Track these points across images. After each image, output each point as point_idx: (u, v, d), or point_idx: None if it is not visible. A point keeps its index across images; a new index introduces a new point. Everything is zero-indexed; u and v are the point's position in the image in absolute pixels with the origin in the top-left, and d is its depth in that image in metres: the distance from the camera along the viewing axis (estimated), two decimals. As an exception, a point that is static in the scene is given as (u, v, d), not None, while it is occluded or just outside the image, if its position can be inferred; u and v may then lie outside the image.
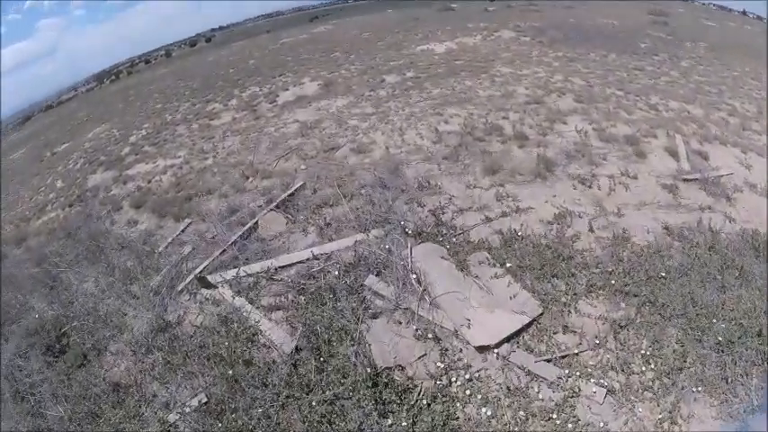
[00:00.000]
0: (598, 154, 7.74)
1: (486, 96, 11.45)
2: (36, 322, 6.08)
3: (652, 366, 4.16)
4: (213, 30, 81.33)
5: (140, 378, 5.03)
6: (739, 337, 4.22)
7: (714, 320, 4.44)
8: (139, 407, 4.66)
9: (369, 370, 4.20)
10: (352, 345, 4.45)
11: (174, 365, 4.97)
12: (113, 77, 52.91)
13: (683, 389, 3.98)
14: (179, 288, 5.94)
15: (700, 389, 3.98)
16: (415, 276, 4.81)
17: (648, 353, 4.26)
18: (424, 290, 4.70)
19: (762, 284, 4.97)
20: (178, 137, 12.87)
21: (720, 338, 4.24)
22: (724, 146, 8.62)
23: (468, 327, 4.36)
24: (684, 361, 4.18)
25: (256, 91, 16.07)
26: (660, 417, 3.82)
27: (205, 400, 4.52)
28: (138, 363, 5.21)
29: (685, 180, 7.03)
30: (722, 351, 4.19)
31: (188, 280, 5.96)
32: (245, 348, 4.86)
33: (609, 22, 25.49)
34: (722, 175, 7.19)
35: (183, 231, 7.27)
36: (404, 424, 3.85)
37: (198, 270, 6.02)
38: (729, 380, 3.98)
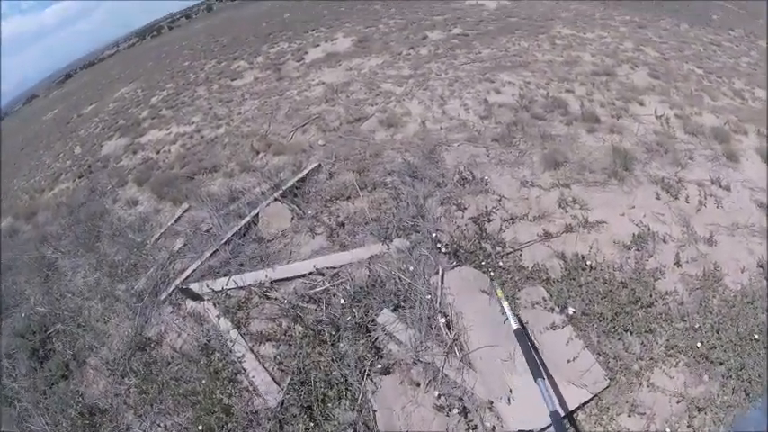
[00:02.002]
0: (683, 151, 5.88)
1: (546, 62, 9.47)
2: (23, 323, 5.56)
3: (724, 465, 2.88)
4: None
5: (116, 403, 4.29)
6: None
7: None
8: (114, 438, 3.94)
9: (370, 449, 3.05)
10: (352, 409, 3.28)
11: (149, 397, 4.13)
12: (155, 33, 52.36)
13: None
14: (162, 297, 4.96)
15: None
16: (444, 320, 3.48)
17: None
18: (455, 340, 3.38)
19: None
20: (197, 99, 11.81)
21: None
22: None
23: (509, 401, 3.07)
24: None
25: (285, 47, 14.64)
26: None
27: (178, 449, 3.64)
28: (115, 385, 4.43)
29: None
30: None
31: (171, 289, 4.94)
32: (224, 390, 3.85)
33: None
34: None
35: (178, 219, 6.25)
36: None
37: (183, 277, 4.98)
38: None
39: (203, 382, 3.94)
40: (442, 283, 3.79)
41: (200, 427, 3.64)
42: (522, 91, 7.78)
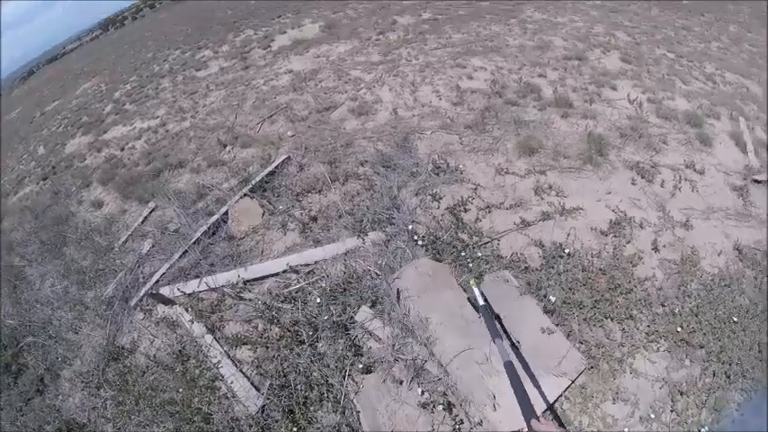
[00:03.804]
0: (657, 135, 5.95)
1: (518, 46, 9.40)
2: (-7, 338, 5.34)
3: (709, 447, 3.00)
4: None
5: (93, 417, 4.16)
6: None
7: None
8: (95, 454, 3.81)
9: (355, 453, 3.00)
10: (335, 411, 3.21)
11: (127, 409, 3.98)
12: (119, 24, 50.21)
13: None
14: (132, 303, 4.77)
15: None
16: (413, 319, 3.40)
17: (706, 429, 3.14)
18: (429, 350, 3.30)
19: None
20: (161, 91, 11.39)
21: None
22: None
23: (494, 408, 3.02)
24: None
25: (251, 35, 14.22)
26: None
27: (158, 462, 3.52)
28: (91, 398, 4.29)
29: (755, 182, 5.36)
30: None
31: (141, 294, 4.75)
32: (203, 398, 3.73)
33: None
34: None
35: (145, 220, 6.02)
36: None
37: (153, 281, 4.79)
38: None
39: (180, 391, 3.83)
40: (399, 280, 3.68)
41: (183, 433, 3.54)
42: (494, 76, 7.69)
